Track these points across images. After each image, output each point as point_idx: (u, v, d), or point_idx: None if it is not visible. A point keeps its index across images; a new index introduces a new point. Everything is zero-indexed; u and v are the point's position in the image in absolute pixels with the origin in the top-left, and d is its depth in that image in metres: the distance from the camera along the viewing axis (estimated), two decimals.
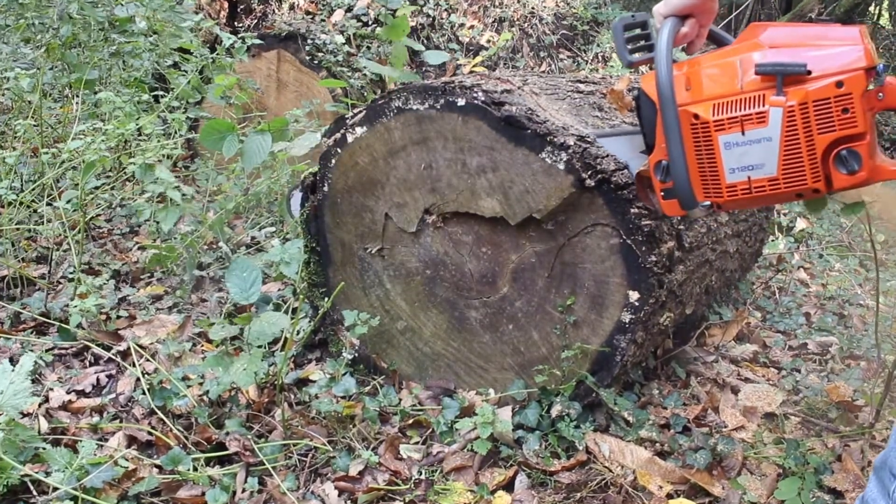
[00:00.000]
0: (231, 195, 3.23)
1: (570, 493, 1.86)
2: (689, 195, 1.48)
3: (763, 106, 1.37)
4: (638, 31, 1.68)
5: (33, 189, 2.98)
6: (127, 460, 1.85)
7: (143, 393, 2.12)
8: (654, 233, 1.87)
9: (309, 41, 4.20)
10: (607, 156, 1.88)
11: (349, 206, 2.23)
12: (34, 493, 1.72)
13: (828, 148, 1.35)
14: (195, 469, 1.85)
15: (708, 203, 1.48)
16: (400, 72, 3.12)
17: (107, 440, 1.99)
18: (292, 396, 2.22)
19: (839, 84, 1.32)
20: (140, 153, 2.80)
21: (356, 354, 2.35)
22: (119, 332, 2.52)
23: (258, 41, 3.84)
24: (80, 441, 1.85)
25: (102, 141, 2.69)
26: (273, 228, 3.37)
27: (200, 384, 2.15)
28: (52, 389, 2.18)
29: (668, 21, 1.52)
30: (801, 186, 1.38)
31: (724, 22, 6.07)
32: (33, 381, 2.22)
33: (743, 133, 1.40)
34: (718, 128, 1.42)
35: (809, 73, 1.33)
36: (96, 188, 3.15)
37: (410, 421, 2.11)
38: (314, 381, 2.22)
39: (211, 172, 3.56)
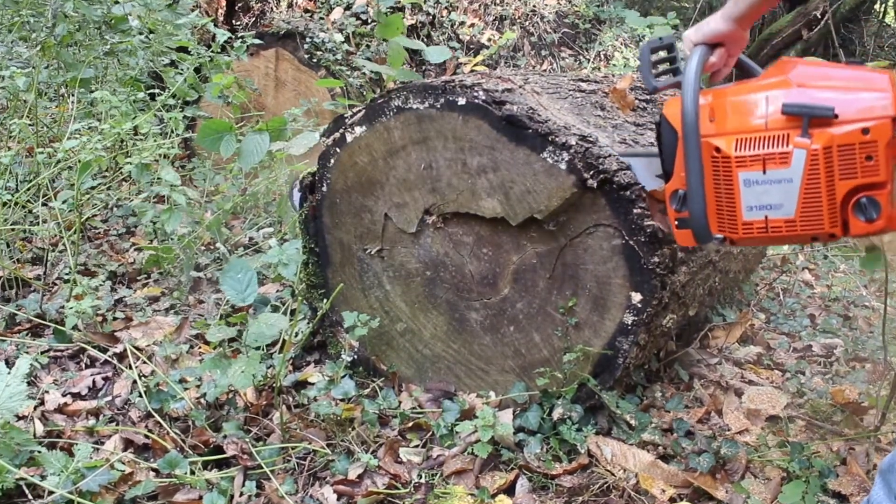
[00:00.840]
0: (228, 195, 3.24)
1: (571, 497, 1.86)
2: (705, 229, 1.48)
3: (787, 146, 1.37)
4: (663, 53, 1.68)
5: (28, 189, 2.98)
6: (123, 464, 1.85)
7: (140, 395, 2.12)
8: (656, 233, 1.87)
9: (307, 39, 4.21)
10: (609, 156, 1.88)
11: (348, 206, 2.24)
12: (29, 496, 1.72)
13: (848, 194, 1.35)
14: (192, 473, 1.85)
15: (721, 237, 1.48)
16: (398, 71, 3.12)
17: (103, 443, 1.99)
18: (291, 399, 2.22)
19: (865, 131, 1.31)
20: (136, 153, 2.81)
21: (355, 356, 2.35)
22: (115, 333, 2.52)
23: (256, 40, 3.85)
24: (76, 444, 1.85)
25: (98, 140, 2.70)
26: (271, 229, 3.38)
27: (198, 387, 2.15)
28: (47, 392, 2.19)
29: (698, 49, 1.53)
30: (818, 230, 1.38)
31: None
32: (29, 384, 2.22)
33: (764, 172, 1.40)
34: (740, 164, 1.41)
35: (836, 117, 1.33)
36: (92, 188, 3.16)
37: (410, 424, 2.11)
38: (313, 384, 2.22)
39: (208, 172, 3.57)
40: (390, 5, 3.54)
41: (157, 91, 3.66)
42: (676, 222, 1.55)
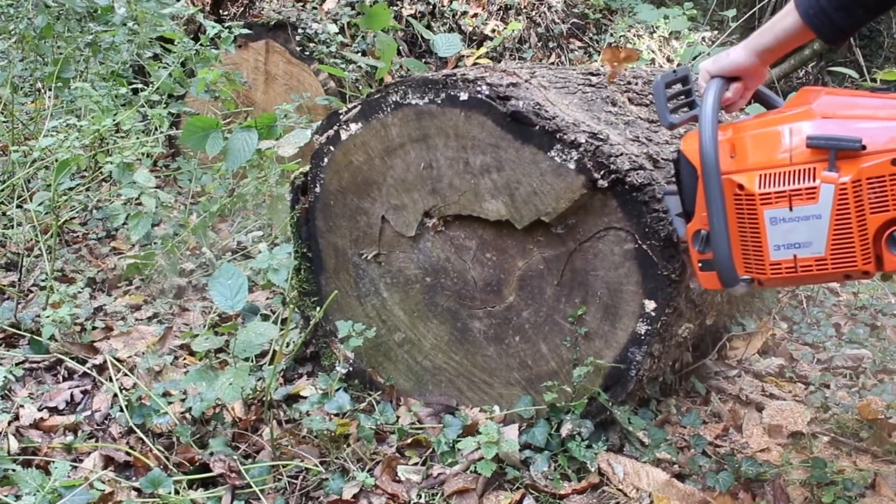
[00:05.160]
0: (215, 197, 3.24)
1: None
2: (731, 271, 1.49)
3: (814, 181, 1.39)
4: (679, 86, 1.70)
5: (2, 190, 2.99)
6: (103, 483, 1.85)
7: (121, 410, 2.13)
8: (671, 237, 1.87)
9: (300, 31, 4.21)
10: (621, 154, 1.89)
11: (343, 208, 2.24)
12: None
13: (880, 228, 1.36)
14: (177, 492, 1.86)
15: (749, 278, 1.50)
16: (407, 61, 3.14)
17: (82, 461, 1.99)
18: (281, 414, 2.22)
19: (895, 161, 1.33)
20: (117, 151, 2.82)
21: (350, 368, 2.35)
22: (95, 344, 2.53)
23: (245, 31, 3.86)
24: (53, 462, 1.86)
25: (77, 138, 2.71)
26: (260, 233, 3.38)
27: (182, 400, 2.16)
28: (22, 406, 2.19)
29: (714, 83, 1.55)
30: (850, 268, 1.40)
31: (749, 14, 6.08)
32: (2, 398, 2.23)
33: (790, 209, 1.41)
34: (765, 201, 1.43)
35: (864, 148, 1.35)
36: (70, 189, 3.17)
37: (409, 440, 2.12)
38: (305, 398, 2.22)
39: (194, 172, 3.58)
40: None
41: (139, 86, 3.67)
42: (700, 264, 1.56)
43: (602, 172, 1.87)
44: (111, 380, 2.27)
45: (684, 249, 1.78)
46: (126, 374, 2.32)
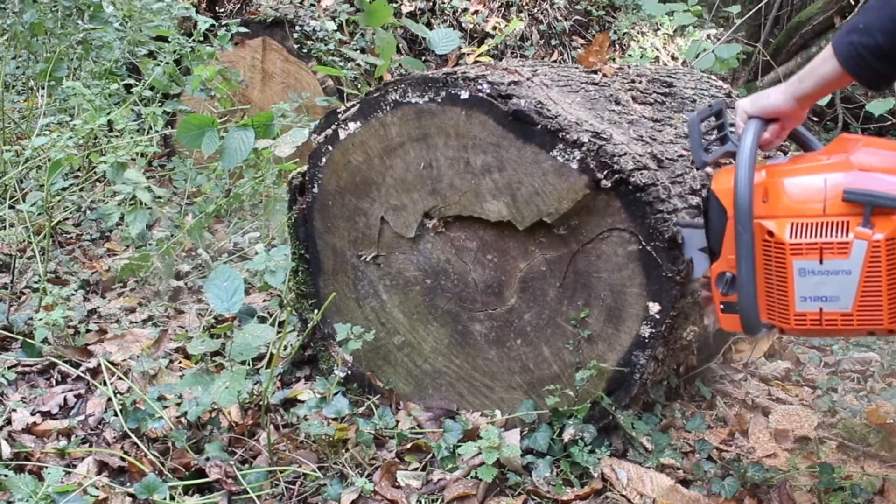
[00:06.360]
0: (211, 197, 3.24)
1: None
2: (755, 318, 1.50)
3: (847, 236, 1.39)
4: (712, 120, 1.69)
5: None
6: (97, 488, 1.85)
7: (115, 414, 2.13)
8: (675, 238, 1.87)
9: (297, 28, 4.21)
10: (624, 154, 1.89)
11: (341, 208, 2.25)
12: None
13: None
14: (172, 498, 1.86)
15: (770, 325, 1.50)
16: (403, 59, 3.14)
17: (75, 466, 1.99)
18: (279, 418, 2.22)
19: None
20: (111, 151, 2.82)
21: (349, 372, 2.35)
22: (88, 347, 2.53)
23: (241, 28, 3.86)
24: (46, 467, 1.86)
25: (70, 137, 2.71)
26: (257, 234, 3.38)
27: (178, 405, 2.16)
28: (14, 410, 2.19)
29: (753, 124, 1.55)
30: (876, 326, 1.41)
31: (751, 13, 6.08)
32: None
33: (821, 261, 1.42)
34: (795, 252, 1.43)
35: None
36: (63, 189, 3.17)
37: (409, 445, 2.12)
38: (303, 402, 2.22)
39: (189, 172, 3.58)
40: None
41: (133, 84, 3.68)
42: (722, 306, 1.56)
43: (605, 172, 1.87)
44: (105, 383, 2.27)
45: (704, 285, 1.78)
46: (120, 378, 2.32)
